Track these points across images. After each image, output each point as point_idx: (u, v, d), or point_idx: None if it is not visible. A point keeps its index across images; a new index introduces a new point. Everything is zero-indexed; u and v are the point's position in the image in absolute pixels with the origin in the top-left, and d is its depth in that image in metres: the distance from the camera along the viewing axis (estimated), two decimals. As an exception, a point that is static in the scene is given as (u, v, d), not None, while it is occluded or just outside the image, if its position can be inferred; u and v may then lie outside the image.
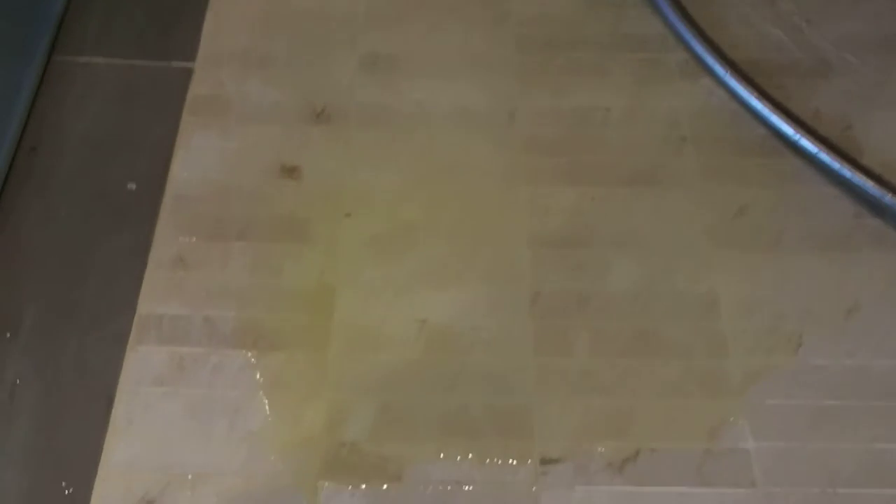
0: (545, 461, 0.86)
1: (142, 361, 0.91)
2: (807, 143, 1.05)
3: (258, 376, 0.90)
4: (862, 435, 0.88)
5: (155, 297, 0.95)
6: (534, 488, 0.85)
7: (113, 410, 0.88)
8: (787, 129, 1.06)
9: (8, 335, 0.92)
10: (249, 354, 0.92)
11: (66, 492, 0.83)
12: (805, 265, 0.99)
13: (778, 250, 1.00)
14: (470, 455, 0.86)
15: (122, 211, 1.01)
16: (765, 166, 1.06)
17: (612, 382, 0.91)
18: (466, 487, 0.85)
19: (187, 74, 1.11)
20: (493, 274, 0.98)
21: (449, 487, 0.85)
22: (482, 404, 0.89)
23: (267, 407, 0.88)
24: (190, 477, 0.85)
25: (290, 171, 1.04)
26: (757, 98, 1.09)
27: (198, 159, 1.05)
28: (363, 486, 0.85)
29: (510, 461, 0.86)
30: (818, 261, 0.99)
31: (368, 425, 0.88)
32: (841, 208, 1.03)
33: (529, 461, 0.86)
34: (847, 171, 1.03)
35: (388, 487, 0.85)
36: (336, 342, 0.93)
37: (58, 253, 0.98)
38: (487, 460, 0.86)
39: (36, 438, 0.86)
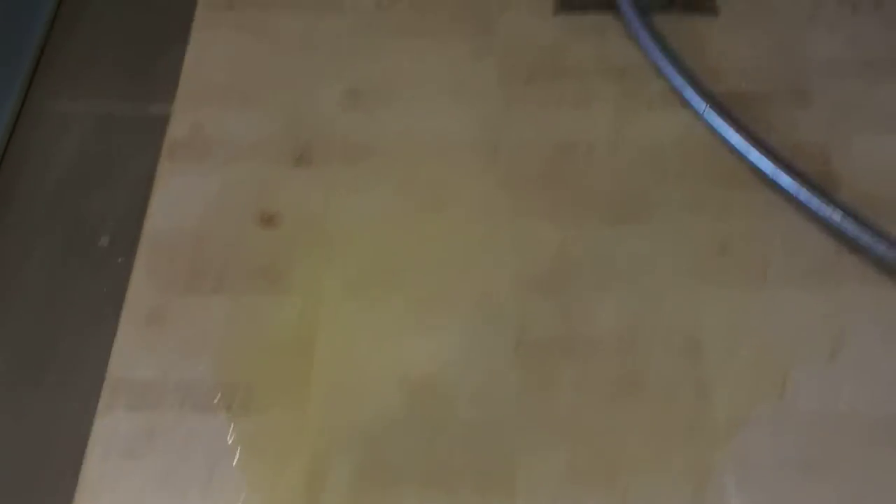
0: (527, 523, 0.72)
1: (111, 430, 0.77)
2: (785, 180, 0.92)
3: (233, 442, 0.77)
4: (849, 490, 0.75)
5: (126, 358, 0.82)
6: (514, 554, 0.71)
7: (79, 485, 0.74)
8: (766, 164, 0.93)
9: (-33, 402, 0.78)
10: (224, 418, 0.78)
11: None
12: (788, 303, 0.86)
13: (761, 288, 0.87)
14: (448, 518, 0.73)
15: (94, 265, 0.87)
16: (748, 200, 0.93)
17: (596, 433, 0.78)
18: (444, 555, 0.71)
19: (165, 118, 0.97)
20: (477, 319, 0.85)
21: (427, 556, 0.71)
22: (463, 460, 0.77)
23: (242, 475, 0.75)
24: (159, 558, 0.71)
25: (270, 219, 0.90)
26: (735, 132, 0.95)
27: (174, 209, 0.91)
28: (339, 562, 0.71)
29: (490, 523, 0.73)
30: (801, 299, 0.86)
31: (345, 489, 0.75)
32: (822, 244, 0.90)
33: (510, 522, 0.73)
34: (825, 210, 0.89)
35: (366, 560, 0.71)
36: (315, 401, 0.80)
37: (24, 310, 0.84)
38: (467, 523, 0.72)
39: (-6, 516, 0.74)
